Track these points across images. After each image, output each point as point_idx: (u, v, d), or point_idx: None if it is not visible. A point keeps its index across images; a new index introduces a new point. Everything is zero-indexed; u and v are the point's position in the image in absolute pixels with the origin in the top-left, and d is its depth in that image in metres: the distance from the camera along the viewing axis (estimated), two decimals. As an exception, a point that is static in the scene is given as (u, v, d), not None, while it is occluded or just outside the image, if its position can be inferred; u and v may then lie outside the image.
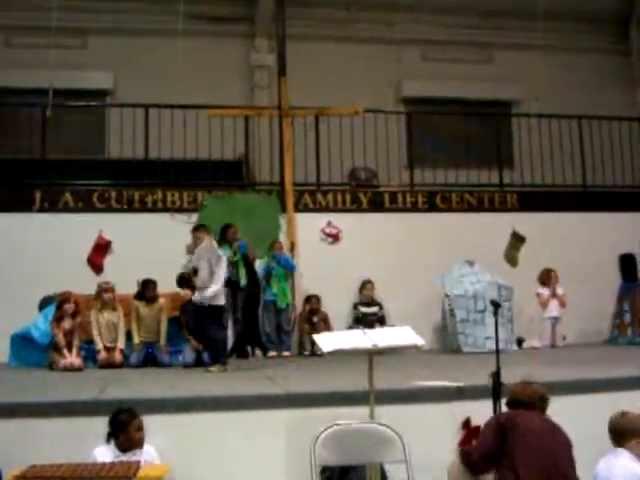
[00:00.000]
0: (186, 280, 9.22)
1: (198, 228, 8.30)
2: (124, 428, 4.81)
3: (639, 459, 4.14)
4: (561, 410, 5.76)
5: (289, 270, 10.15)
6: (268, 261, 10.03)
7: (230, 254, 9.64)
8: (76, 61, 12.19)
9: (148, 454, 4.82)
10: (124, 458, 4.68)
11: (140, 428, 4.86)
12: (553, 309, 10.57)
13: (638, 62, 14.30)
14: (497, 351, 5.23)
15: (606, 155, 11.76)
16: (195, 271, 7.91)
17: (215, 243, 8.24)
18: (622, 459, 4.14)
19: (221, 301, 8.05)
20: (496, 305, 5.56)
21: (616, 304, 11.33)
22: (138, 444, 4.83)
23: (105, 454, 4.78)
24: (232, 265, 9.65)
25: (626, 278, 11.51)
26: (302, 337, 10.17)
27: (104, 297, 8.84)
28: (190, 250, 8.52)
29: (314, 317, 10.16)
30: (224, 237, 9.78)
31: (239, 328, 9.81)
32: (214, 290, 7.81)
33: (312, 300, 10.23)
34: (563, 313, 10.57)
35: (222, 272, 7.98)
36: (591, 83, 13.65)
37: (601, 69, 14.00)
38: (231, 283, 9.68)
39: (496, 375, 4.94)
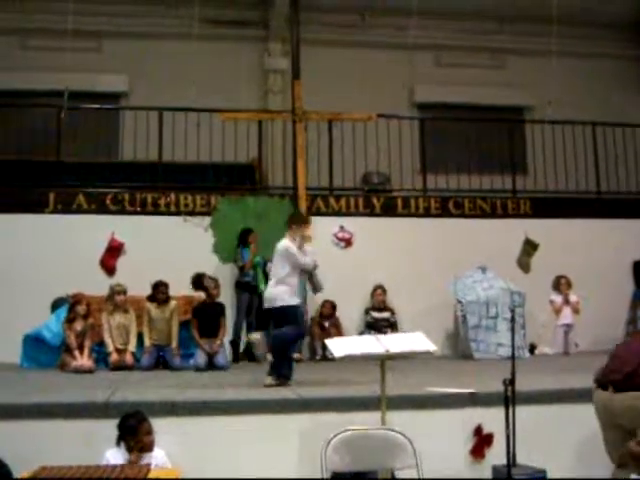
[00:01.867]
0: (201, 282, 9.25)
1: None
2: (134, 432, 4.82)
3: None
4: (573, 417, 5.76)
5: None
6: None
7: (252, 256, 9.67)
8: (91, 64, 12.26)
9: (159, 458, 4.82)
10: (135, 460, 4.69)
11: (149, 432, 4.87)
12: (566, 316, 10.52)
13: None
14: (513, 358, 5.21)
15: (620, 161, 11.72)
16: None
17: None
18: None
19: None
20: (512, 312, 5.54)
21: (629, 311, 11.26)
22: (148, 448, 4.83)
23: (116, 456, 4.79)
24: (252, 269, 9.70)
25: (639, 285, 11.44)
26: (314, 341, 10.14)
27: (116, 299, 8.87)
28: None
29: (326, 322, 10.15)
30: (245, 241, 9.82)
31: (252, 331, 9.81)
32: None
33: (326, 305, 10.21)
34: (576, 320, 10.51)
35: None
36: (605, 89, 13.59)
37: (615, 75, 13.94)
38: (250, 287, 9.72)
39: (511, 382, 4.92)
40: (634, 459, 4.12)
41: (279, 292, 6.94)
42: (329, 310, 10.25)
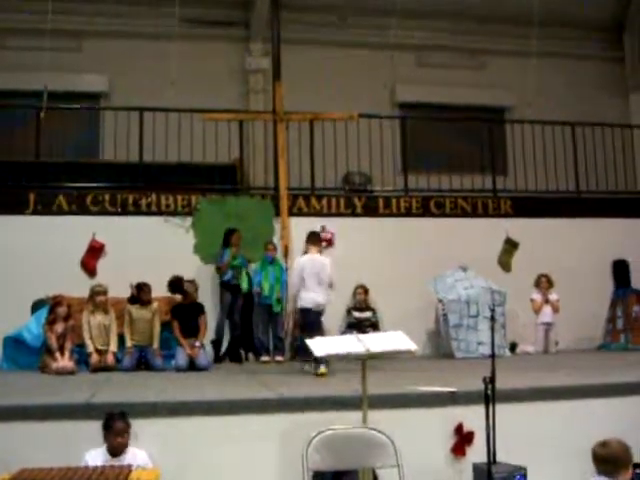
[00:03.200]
0: (178, 285, 9.26)
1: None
2: (108, 432, 4.82)
3: None
4: (553, 415, 5.81)
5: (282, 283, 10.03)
6: (261, 263, 9.97)
7: (230, 258, 9.65)
8: (71, 64, 12.20)
9: (140, 458, 4.81)
10: (114, 462, 4.68)
11: (120, 433, 4.84)
12: (546, 315, 10.59)
13: (631, 69, 14.37)
14: (493, 356, 5.23)
15: (599, 161, 11.81)
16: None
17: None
18: None
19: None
20: (492, 311, 5.57)
21: (609, 310, 11.35)
22: (117, 450, 4.81)
23: (96, 457, 4.77)
24: (234, 269, 9.68)
25: (619, 284, 11.54)
26: (295, 342, 10.13)
27: (96, 300, 8.80)
28: None
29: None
30: (228, 241, 9.80)
31: (236, 332, 9.80)
32: None
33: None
34: (557, 319, 10.59)
35: None
36: (585, 90, 13.72)
37: (595, 76, 14.07)
38: (232, 287, 9.69)
39: (491, 380, 4.94)
40: (596, 461, 4.17)
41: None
42: None
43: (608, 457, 4.17)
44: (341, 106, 11.24)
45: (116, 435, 4.83)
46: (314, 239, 8.71)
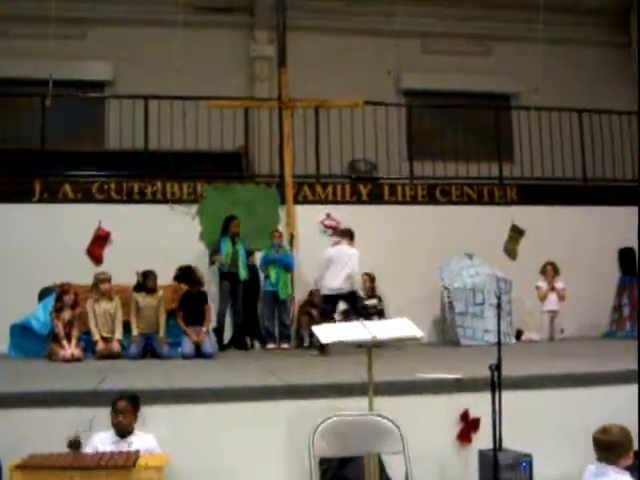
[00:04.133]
0: (189, 274, 9.27)
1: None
2: (112, 411, 4.84)
3: (625, 470, 4.12)
4: (559, 402, 5.82)
5: (287, 267, 10.06)
6: (267, 251, 9.99)
7: (229, 246, 9.66)
8: (75, 52, 12.19)
9: (149, 442, 4.82)
10: (121, 443, 4.70)
11: (121, 411, 4.82)
12: (551, 302, 10.58)
13: (638, 55, 14.27)
14: (499, 343, 5.24)
15: (606, 148, 11.77)
16: None
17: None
18: (612, 476, 4.12)
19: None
20: (498, 298, 5.56)
21: (615, 298, 11.34)
22: (118, 429, 4.82)
23: (104, 439, 4.79)
24: (232, 257, 9.69)
25: (625, 272, 11.51)
26: (300, 330, 10.16)
27: (100, 287, 8.83)
28: None
29: (313, 310, 10.15)
30: (226, 229, 9.80)
31: (239, 320, 9.82)
32: None
33: (315, 293, 10.19)
34: (562, 306, 10.58)
35: None
36: (591, 76, 13.64)
37: (601, 61, 13.99)
38: (230, 275, 9.70)
39: (497, 367, 4.94)
40: (596, 446, 4.18)
41: None
42: (318, 299, 10.25)
43: (608, 443, 4.18)
44: (346, 93, 11.21)
45: (117, 413, 4.84)
46: (346, 234, 9.30)
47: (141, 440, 4.81)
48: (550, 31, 12.95)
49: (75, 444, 4.50)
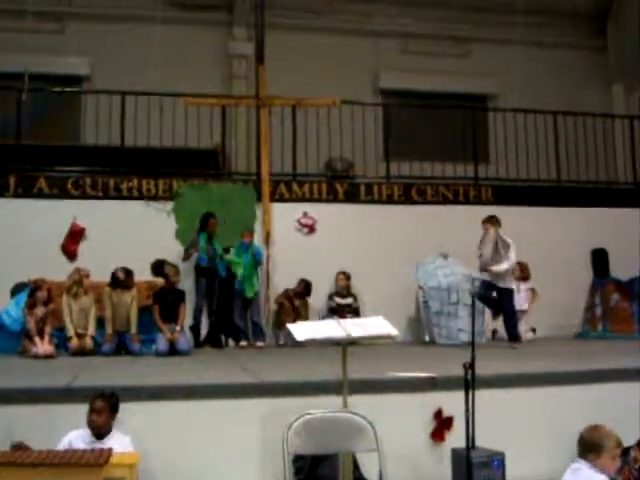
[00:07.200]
0: (161, 268, 9.24)
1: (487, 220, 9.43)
2: (89, 409, 4.80)
3: (601, 472, 4.16)
4: (532, 401, 5.87)
5: (257, 260, 10.04)
6: (236, 250, 9.95)
7: (205, 244, 9.64)
8: (52, 46, 12.08)
9: (124, 443, 4.78)
10: (97, 444, 4.66)
11: (95, 410, 4.76)
12: (520, 303, 10.59)
13: (614, 59, 14.44)
14: (473, 342, 5.27)
15: (581, 151, 11.88)
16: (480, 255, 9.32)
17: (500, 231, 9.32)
18: (585, 472, 4.17)
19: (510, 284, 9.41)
20: (473, 298, 5.60)
21: (587, 298, 11.44)
22: (92, 428, 4.78)
23: (77, 438, 4.75)
24: (209, 255, 9.67)
25: (597, 273, 11.62)
26: (277, 328, 10.16)
27: (76, 283, 8.77)
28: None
29: (297, 301, 10.19)
30: (204, 227, 9.78)
31: (213, 318, 9.80)
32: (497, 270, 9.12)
33: (301, 284, 10.23)
34: (532, 307, 10.65)
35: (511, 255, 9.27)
36: (567, 79, 13.76)
37: (578, 65, 14.12)
38: (208, 271, 9.68)
39: (471, 366, 4.97)
40: (579, 444, 4.23)
41: None
42: (302, 289, 10.25)
43: (585, 441, 4.23)
44: (324, 92, 11.21)
45: (92, 411, 4.80)
46: None
47: (117, 442, 4.73)
48: (528, 34, 13.09)
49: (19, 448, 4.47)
